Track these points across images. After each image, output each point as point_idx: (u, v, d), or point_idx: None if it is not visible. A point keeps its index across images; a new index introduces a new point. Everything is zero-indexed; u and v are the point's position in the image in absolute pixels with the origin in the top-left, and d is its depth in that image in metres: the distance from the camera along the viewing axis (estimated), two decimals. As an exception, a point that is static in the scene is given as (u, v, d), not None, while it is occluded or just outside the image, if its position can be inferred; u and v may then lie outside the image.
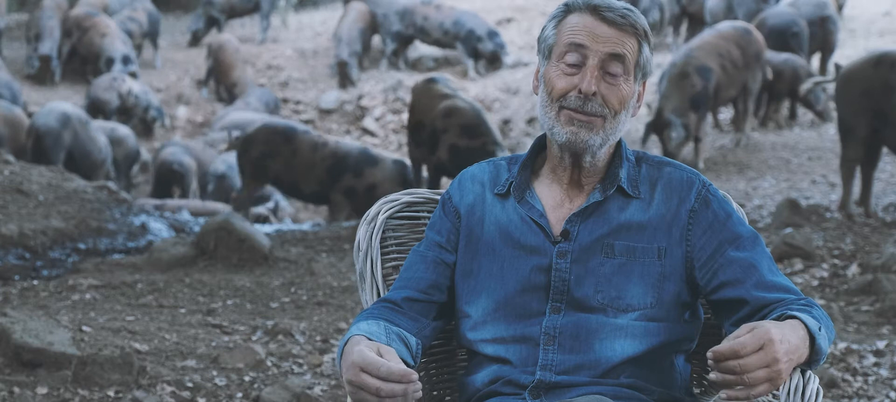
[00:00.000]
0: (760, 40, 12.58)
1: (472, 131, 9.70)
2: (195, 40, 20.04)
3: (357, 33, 18.13)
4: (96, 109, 16.23)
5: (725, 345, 2.11)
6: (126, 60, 17.37)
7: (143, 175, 15.08)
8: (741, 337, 2.12)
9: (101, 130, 13.55)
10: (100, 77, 16.84)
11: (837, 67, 9.22)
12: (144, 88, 16.83)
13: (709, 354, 2.12)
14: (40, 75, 17.53)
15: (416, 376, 2.12)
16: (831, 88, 13.47)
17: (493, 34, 17.69)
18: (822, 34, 14.56)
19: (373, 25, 18.53)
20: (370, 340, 2.26)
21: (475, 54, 17.86)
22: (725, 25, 13.09)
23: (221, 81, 17.83)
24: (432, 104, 10.05)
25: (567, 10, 2.41)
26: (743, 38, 12.42)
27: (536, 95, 2.47)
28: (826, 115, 13.49)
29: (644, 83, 2.44)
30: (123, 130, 14.80)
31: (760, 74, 12.58)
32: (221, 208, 11.99)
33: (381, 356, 2.18)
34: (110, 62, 17.31)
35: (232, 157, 14.04)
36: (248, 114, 16.10)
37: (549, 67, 2.41)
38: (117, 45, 17.47)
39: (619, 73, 2.37)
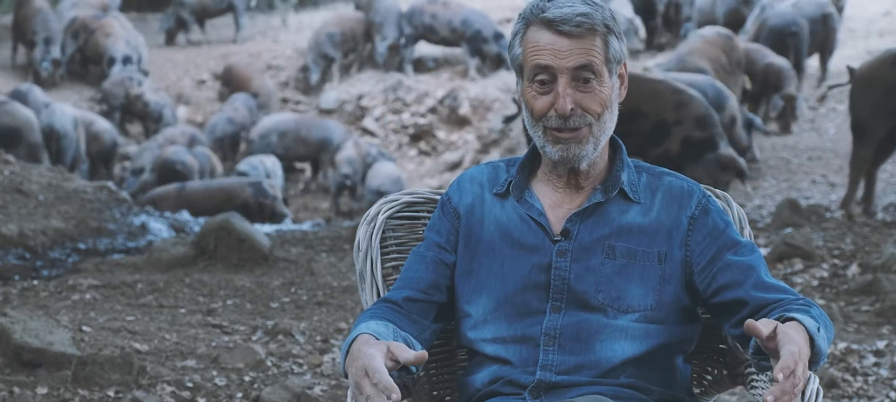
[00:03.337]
0: (740, 47, 12.61)
1: (705, 123, 9.29)
2: (169, 39, 20.04)
3: (324, 38, 18.13)
4: (104, 102, 16.64)
5: (787, 360, 2.08)
6: (126, 60, 17.43)
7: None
8: (789, 349, 2.10)
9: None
10: (115, 74, 17.04)
11: (851, 70, 9.19)
12: (161, 99, 16.84)
13: (778, 375, 2.06)
14: (36, 76, 17.57)
15: (398, 394, 2.12)
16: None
17: (498, 36, 17.66)
18: (824, 33, 14.53)
19: (357, 30, 18.49)
20: (377, 340, 2.26)
21: (479, 55, 17.83)
22: (709, 31, 13.11)
23: None
24: (656, 92, 9.44)
25: (525, 23, 2.39)
26: (727, 44, 12.45)
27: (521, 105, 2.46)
28: (787, 126, 13.39)
29: (624, 64, 2.43)
30: (102, 125, 14.97)
31: (741, 80, 12.57)
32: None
33: (391, 352, 2.20)
34: (111, 62, 17.39)
35: (255, 158, 14.33)
36: (282, 115, 16.45)
37: (524, 86, 2.40)
38: (120, 45, 17.55)
39: (591, 79, 2.35)
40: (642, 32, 17.88)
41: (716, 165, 9.01)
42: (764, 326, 2.12)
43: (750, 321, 2.12)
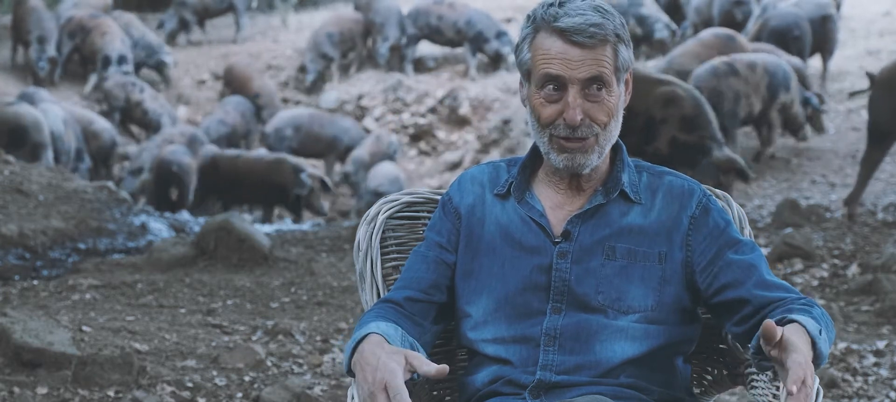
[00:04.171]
0: (745, 47, 12.56)
1: (692, 124, 9.24)
2: (170, 39, 20.07)
3: (323, 38, 18.16)
4: (104, 102, 16.74)
5: (797, 372, 2.06)
6: (121, 60, 17.44)
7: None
8: (796, 359, 2.08)
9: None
10: (113, 73, 17.09)
11: (870, 75, 9.21)
12: (160, 107, 16.84)
13: (791, 387, 2.05)
14: (34, 77, 17.59)
15: None
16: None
17: (500, 34, 17.65)
18: (822, 34, 14.51)
19: (355, 30, 18.49)
20: (389, 343, 2.24)
21: (481, 54, 17.82)
22: (707, 33, 13.09)
23: (247, 98, 17.77)
24: (647, 89, 9.34)
25: (534, 28, 2.37)
26: (725, 46, 12.42)
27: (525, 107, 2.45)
28: (820, 124, 13.39)
29: (629, 72, 2.42)
30: (101, 124, 15.00)
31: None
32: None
33: (410, 364, 2.18)
34: (107, 61, 17.40)
35: (256, 153, 14.57)
36: (297, 110, 16.70)
37: (531, 92, 2.38)
38: (116, 44, 17.54)
39: (601, 89, 2.35)
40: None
41: (713, 171, 8.99)
42: (778, 331, 2.10)
43: (768, 322, 2.09)
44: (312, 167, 16.84)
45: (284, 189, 13.05)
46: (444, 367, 2.17)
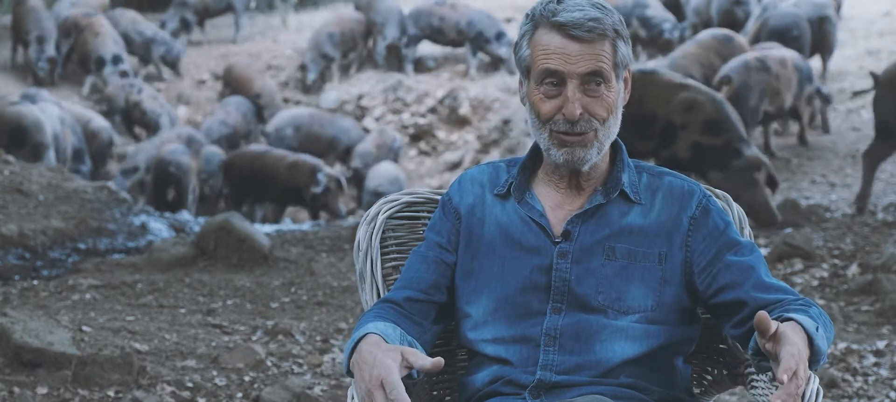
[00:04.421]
0: (744, 48, 12.56)
1: (716, 128, 9.17)
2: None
3: (324, 38, 18.17)
4: (104, 104, 16.81)
5: (789, 362, 2.08)
6: (116, 60, 17.42)
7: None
8: (788, 350, 2.10)
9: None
10: (109, 74, 17.13)
11: (874, 75, 9.21)
12: (159, 107, 16.84)
13: (782, 377, 2.07)
14: (34, 77, 17.59)
15: None
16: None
17: (500, 35, 17.66)
18: (819, 35, 14.52)
19: (357, 30, 18.50)
20: (387, 342, 2.26)
21: (482, 54, 17.83)
22: (705, 34, 13.09)
23: (248, 98, 17.76)
24: (667, 95, 9.27)
25: (534, 24, 2.37)
26: (724, 47, 12.42)
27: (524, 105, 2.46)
28: (826, 124, 13.40)
29: (628, 69, 2.43)
30: (99, 122, 15.02)
31: None
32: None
33: (406, 359, 2.19)
34: (101, 62, 17.38)
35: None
36: (297, 110, 16.83)
37: (530, 88, 2.39)
38: (109, 44, 17.51)
39: (600, 84, 2.35)
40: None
41: (740, 175, 8.95)
42: (773, 324, 2.12)
43: (761, 313, 2.11)
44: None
45: (300, 190, 13.11)
46: (440, 360, 2.19)
